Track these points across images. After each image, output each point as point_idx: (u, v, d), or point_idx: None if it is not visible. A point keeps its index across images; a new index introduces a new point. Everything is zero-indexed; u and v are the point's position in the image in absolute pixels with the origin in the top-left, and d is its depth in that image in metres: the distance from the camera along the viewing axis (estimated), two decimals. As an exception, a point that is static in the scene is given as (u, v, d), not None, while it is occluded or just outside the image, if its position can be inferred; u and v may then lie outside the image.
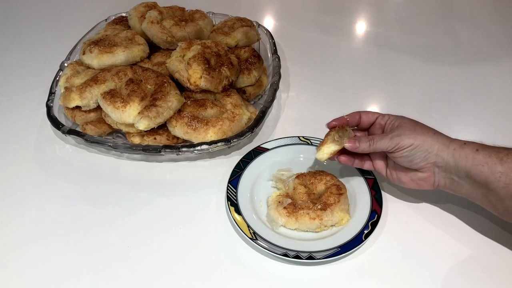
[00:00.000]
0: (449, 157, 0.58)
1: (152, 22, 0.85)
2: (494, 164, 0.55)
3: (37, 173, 0.73)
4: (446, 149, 0.59)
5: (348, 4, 1.22)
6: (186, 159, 0.75)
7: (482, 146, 0.58)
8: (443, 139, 0.60)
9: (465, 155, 0.57)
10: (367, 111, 0.67)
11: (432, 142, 0.59)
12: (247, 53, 0.86)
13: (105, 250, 0.62)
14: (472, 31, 1.10)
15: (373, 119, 0.65)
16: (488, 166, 0.56)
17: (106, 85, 0.74)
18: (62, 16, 1.14)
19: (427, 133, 0.60)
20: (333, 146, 0.64)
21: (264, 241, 0.60)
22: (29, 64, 0.97)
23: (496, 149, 0.57)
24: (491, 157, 0.56)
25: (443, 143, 0.59)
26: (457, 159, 0.58)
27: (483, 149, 0.57)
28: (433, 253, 0.62)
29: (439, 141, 0.59)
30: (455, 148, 0.58)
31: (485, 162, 0.56)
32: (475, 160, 0.57)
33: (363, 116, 0.66)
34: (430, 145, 0.59)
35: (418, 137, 0.59)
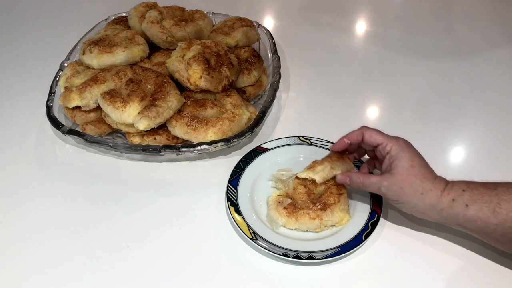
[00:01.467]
0: (437, 216, 0.58)
1: (152, 22, 0.85)
2: (488, 218, 0.54)
3: (37, 173, 0.73)
4: (432, 209, 0.57)
5: (348, 4, 1.21)
6: (186, 159, 0.75)
7: (471, 197, 0.55)
8: (430, 200, 0.57)
9: (455, 214, 0.56)
10: (371, 132, 0.62)
11: (417, 203, 0.58)
12: (247, 53, 0.86)
13: (105, 250, 0.62)
14: (472, 31, 1.10)
15: (375, 144, 0.62)
16: (481, 221, 0.54)
17: (106, 85, 0.74)
18: (62, 16, 1.14)
19: (414, 194, 0.57)
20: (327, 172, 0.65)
21: (264, 241, 0.60)
22: (29, 64, 0.97)
23: (486, 197, 0.55)
24: (483, 210, 0.54)
25: (430, 205, 0.57)
26: (446, 217, 0.57)
27: (472, 203, 0.55)
28: (433, 253, 0.62)
29: (424, 202, 0.57)
30: (442, 208, 0.57)
31: (477, 217, 0.55)
32: (466, 217, 0.55)
33: (366, 138, 0.63)
34: (415, 206, 0.58)
35: (404, 197, 0.58)
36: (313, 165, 0.65)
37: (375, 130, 0.63)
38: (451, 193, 0.57)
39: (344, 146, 0.64)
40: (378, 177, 0.60)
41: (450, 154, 0.77)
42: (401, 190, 0.58)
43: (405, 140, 0.61)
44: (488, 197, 0.55)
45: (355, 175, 0.62)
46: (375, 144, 0.62)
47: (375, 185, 0.60)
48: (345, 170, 0.67)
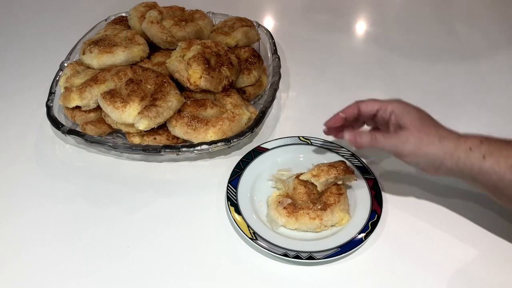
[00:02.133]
0: (453, 165, 0.56)
1: (152, 22, 0.85)
2: (503, 173, 0.52)
3: (37, 173, 0.73)
4: (450, 157, 0.55)
5: (348, 4, 1.21)
6: (186, 159, 0.75)
7: (489, 149, 0.54)
8: (449, 145, 0.56)
9: (471, 164, 0.54)
10: (367, 102, 0.62)
11: (437, 153, 0.56)
12: (247, 53, 0.86)
13: (105, 250, 0.62)
14: (472, 31, 1.10)
15: (374, 111, 0.61)
16: (496, 175, 0.53)
17: (106, 85, 0.74)
18: (62, 16, 1.14)
19: (433, 143, 0.56)
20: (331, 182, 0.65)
21: (264, 241, 0.60)
22: (29, 64, 0.97)
23: (505, 152, 0.53)
24: (499, 164, 0.52)
25: (448, 152, 0.55)
26: (461, 167, 0.55)
27: (490, 156, 0.53)
28: (433, 253, 0.62)
29: (444, 150, 0.56)
30: (459, 156, 0.55)
31: (493, 171, 0.53)
32: (482, 169, 0.54)
33: (363, 108, 0.62)
34: (435, 157, 0.56)
35: (423, 148, 0.56)
36: (318, 173, 0.65)
37: (370, 99, 0.62)
38: (468, 142, 0.55)
39: (339, 121, 0.64)
40: (392, 134, 0.58)
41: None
42: (419, 141, 0.56)
43: (401, 99, 0.61)
44: (507, 151, 0.53)
45: (365, 133, 0.59)
46: (374, 111, 0.61)
47: (389, 141, 0.58)
48: (349, 181, 0.67)
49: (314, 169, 0.66)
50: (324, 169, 0.65)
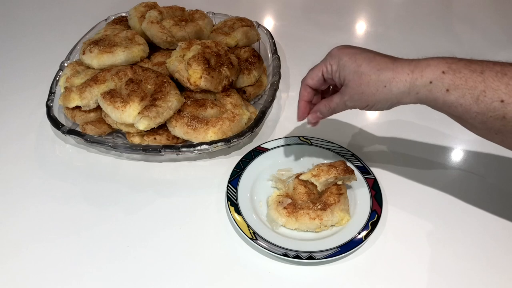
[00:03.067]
0: (414, 100, 0.53)
1: (152, 22, 0.85)
2: (469, 105, 0.49)
3: (37, 173, 0.73)
4: (407, 96, 0.52)
5: (348, 4, 1.22)
6: (186, 159, 0.75)
7: (453, 81, 0.50)
8: (399, 87, 0.52)
9: (433, 98, 0.51)
10: (311, 75, 0.60)
11: (387, 97, 0.53)
12: (247, 53, 0.86)
13: (105, 250, 0.62)
14: (472, 31, 1.10)
15: (321, 77, 0.59)
16: (462, 107, 0.50)
17: (106, 85, 0.74)
18: (62, 16, 1.14)
19: (377, 91, 0.53)
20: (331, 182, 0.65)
21: (264, 241, 0.60)
22: (29, 64, 0.97)
23: (470, 83, 0.49)
24: (465, 97, 0.49)
25: (402, 93, 0.52)
26: (424, 101, 0.52)
27: (454, 89, 0.49)
28: (433, 253, 0.62)
29: (394, 93, 0.52)
30: (418, 92, 0.51)
31: (458, 103, 0.50)
32: (446, 102, 0.51)
33: (310, 83, 0.60)
34: (386, 100, 0.53)
35: (370, 98, 0.54)
36: (318, 173, 0.65)
37: (310, 70, 0.61)
38: (427, 74, 0.51)
39: (307, 108, 0.62)
40: (338, 95, 0.57)
41: (451, 154, 0.77)
42: (362, 94, 0.54)
43: (339, 46, 0.58)
44: (473, 82, 0.49)
45: (322, 105, 0.60)
46: (320, 78, 0.59)
47: (340, 104, 0.57)
48: (349, 181, 0.67)
49: (314, 169, 0.66)
50: (324, 169, 0.65)
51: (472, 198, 0.69)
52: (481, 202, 0.68)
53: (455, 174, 0.73)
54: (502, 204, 0.68)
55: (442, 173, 0.73)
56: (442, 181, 0.71)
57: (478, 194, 0.69)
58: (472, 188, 0.71)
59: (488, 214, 0.66)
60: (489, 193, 0.70)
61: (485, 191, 0.70)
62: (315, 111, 0.61)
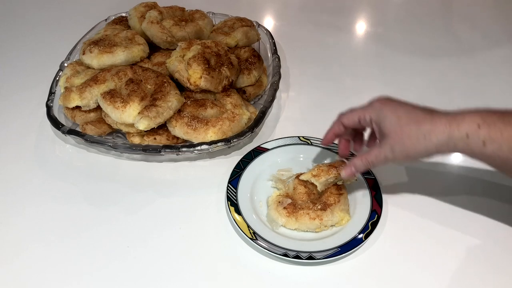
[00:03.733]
0: (453, 149, 0.53)
1: (152, 22, 0.85)
2: (507, 157, 0.51)
3: (37, 173, 0.73)
4: (446, 147, 0.53)
5: (348, 4, 1.22)
6: (186, 159, 0.75)
7: (489, 134, 0.51)
8: (438, 138, 0.53)
9: (471, 150, 0.52)
10: (347, 114, 0.62)
11: (427, 148, 0.54)
12: (247, 53, 0.86)
13: (105, 250, 0.62)
14: (472, 31, 1.10)
15: (356, 120, 0.60)
16: (500, 159, 0.51)
17: (106, 85, 0.74)
18: (62, 16, 1.14)
19: (418, 142, 0.54)
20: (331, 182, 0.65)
21: (264, 241, 0.60)
22: (29, 64, 0.97)
23: (506, 134, 0.50)
24: (502, 149, 0.50)
25: (441, 144, 0.53)
26: (463, 152, 0.53)
27: (491, 142, 0.51)
28: (433, 253, 0.62)
29: (433, 143, 0.53)
30: (456, 144, 0.53)
31: (496, 156, 0.51)
32: (484, 155, 0.52)
33: (345, 122, 0.62)
34: (426, 151, 0.54)
35: (410, 150, 0.55)
36: (318, 173, 0.65)
37: (349, 110, 0.62)
38: (463, 127, 0.52)
39: (333, 139, 0.65)
40: (377, 148, 0.58)
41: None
42: (403, 146, 0.55)
43: (380, 99, 0.59)
44: (508, 134, 0.50)
45: (357, 160, 0.60)
46: (356, 122, 0.60)
47: (380, 157, 0.57)
48: (349, 181, 0.67)
49: (314, 169, 0.66)
50: (324, 169, 0.65)
51: (473, 198, 0.69)
52: (482, 202, 0.68)
53: (455, 174, 0.73)
54: (503, 204, 0.67)
55: (442, 173, 0.73)
56: (442, 181, 0.71)
57: (479, 194, 0.69)
58: (472, 188, 0.71)
59: (488, 214, 0.66)
60: (490, 193, 0.70)
61: (486, 191, 0.70)
62: (350, 166, 0.61)
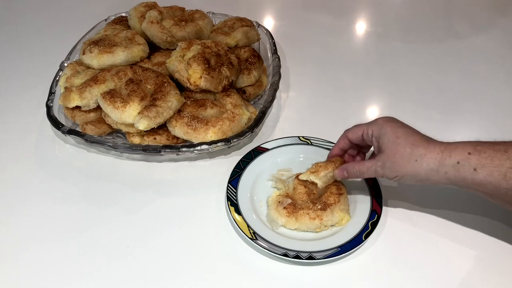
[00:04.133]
0: (442, 179, 0.55)
1: (152, 22, 0.85)
2: (498, 183, 0.52)
3: (37, 173, 0.73)
4: (436, 174, 0.55)
5: (348, 4, 1.21)
6: (186, 159, 0.75)
7: (479, 161, 0.53)
8: (429, 163, 0.55)
9: (462, 178, 0.54)
10: (353, 129, 0.64)
11: (417, 171, 0.56)
12: (247, 53, 0.86)
13: (105, 250, 0.62)
14: (472, 31, 1.10)
15: (360, 136, 0.62)
16: (491, 185, 0.52)
17: (106, 85, 0.74)
18: (62, 16, 1.14)
19: (409, 164, 0.56)
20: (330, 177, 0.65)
21: (264, 241, 0.60)
22: (29, 64, 0.97)
23: (496, 161, 0.52)
24: (493, 175, 0.52)
25: (431, 169, 0.55)
26: (453, 180, 0.55)
27: (481, 168, 0.52)
28: (433, 253, 0.62)
29: (424, 168, 0.55)
30: (447, 171, 0.54)
31: (487, 182, 0.52)
32: (475, 181, 0.53)
33: (350, 136, 0.64)
34: (416, 174, 0.56)
35: (400, 169, 0.56)
36: (316, 169, 0.65)
37: (355, 125, 0.64)
38: (455, 155, 0.54)
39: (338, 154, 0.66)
40: (372, 160, 0.59)
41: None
42: (394, 163, 0.57)
43: (385, 117, 0.61)
44: (499, 161, 0.52)
45: (351, 166, 0.62)
46: (360, 136, 0.62)
47: (371, 169, 0.59)
48: None
49: (312, 166, 0.66)
50: (322, 165, 0.65)
51: (472, 198, 0.68)
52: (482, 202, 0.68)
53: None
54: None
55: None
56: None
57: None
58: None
59: (488, 214, 0.66)
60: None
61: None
62: (342, 169, 0.63)
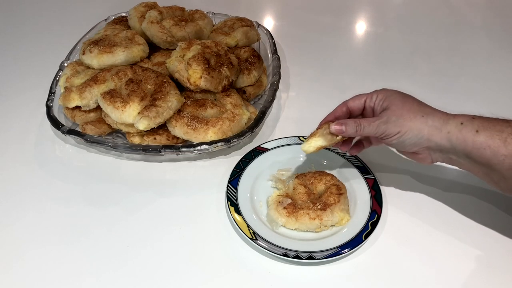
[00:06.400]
0: (444, 140, 0.55)
1: (152, 22, 0.85)
2: (497, 147, 0.52)
3: (37, 173, 0.73)
4: (438, 133, 0.55)
5: (348, 4, 1.22)
6: (186, 159, 0.75)
7: (482, 124, 0.54)
8: (434, 121, 0.56)
9: (463, 139, 0.54)
10: (354, 98, 0.63)
11: (421, 127, 0.56)
12: (247, 53, 0.86)
13: (105, 250, 0.62)
14: (472, 31, 1.10)
15: (362, 103, 0.62)
16: (490, 149, 0.52)
17: (106, 85, 0.74)
18: (62, 16, 1.14)
19: (415, 118, 0.56)
20: (321, 140, 0.62)
21: (264, 241, 0.60)
22: (29, 64, 0.97)
23: (498, 127, 0.53)
24: (493, 138, 0.52)
25: (435, 127, 0.55)
26: (454, 142, 0.55)
27: (483, 130, 0.53)
28: (433, 253, 0.62)
29: (428, 124, 0.55)
30: (449, 131, 0.55)
31: (487, 145, 0.52)
32: (476, 143, 0.53)
33: (350, 104, 0.63)
34: (419, 131, 0.56)
35: (405, 123, 0.56)
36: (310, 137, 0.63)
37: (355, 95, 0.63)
38: (459, 117, 0.55)
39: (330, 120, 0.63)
40: (375, 117, 0.58)
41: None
42: (400, 118, 0.56)
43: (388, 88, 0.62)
44: (500, 126, 0.53)
45: (351, 120, 0.59)
46: (362, 104, 0.61)
47: (372, 124, 0.57)
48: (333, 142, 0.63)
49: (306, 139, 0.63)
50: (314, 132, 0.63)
51: (473, 198, 0.69)
52: (482, 201, 0.68)
53: (455, 174, 0.73)
54: (503, 204, 0.67)
55: (442, 173, 0.73)
56: (442, 181, 0.71)
57: (479, 194, 0.69)
58: (472, 188, 0.71)
59: (488, 214, 0.66)
60: (490, 193, 0.69)
61: (486, 191, 0.70)
62: (340, 123, 0.59)
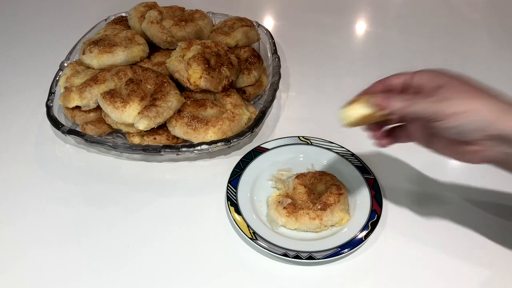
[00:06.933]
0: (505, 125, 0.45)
1: (152, 22, 0.85)
2: None
3: (37, 173, 0.73)
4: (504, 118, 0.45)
5: (348, 4, 1.22)
6: (186, 159, 0.75)
7: None
8: (504, 103, 0.46)
9: None
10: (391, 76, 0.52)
11: (487, 109, 0.45)
12: (247, 53, 0.86)
13: (105, 250, 0.62)
14: (472, 31, 1.10)
15: (409, 76, 0.51)
16: None
17: (106, 85, 0.74)
18: (62, 16, 1.14)
19: (481, 97, 0.45)
20: (366, 109, 0.51)
21: (264, 241, 0.60)
22: (29, 64, 0.97)
23: None
24: None
25: (503, 110, 0.45)
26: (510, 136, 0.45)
27: None
28: (433, 253, 0.62)
29: (496, 107, 0.45)
30: None
31: None
32: None
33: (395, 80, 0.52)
34: (489, 112, 0.45)
35: (474, 101, 0.45)
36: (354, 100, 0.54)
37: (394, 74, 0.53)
38: None
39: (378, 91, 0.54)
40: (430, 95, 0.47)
41: None
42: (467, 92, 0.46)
43: None
44: None
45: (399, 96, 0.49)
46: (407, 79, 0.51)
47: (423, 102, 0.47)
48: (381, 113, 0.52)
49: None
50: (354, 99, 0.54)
51: (473, 198, 0.69)
52: (482, 201, 0.68)
53: (455, 174, 0.73)
54: (503, 204, 0.68)
55: (442, 173, 0.73)
56: (442, 181, 0.71)
57: (479, 194, 0.69)
58: (473, 188, 0.71)
59: (488, 214, 0.66)
60: (490, 193, 0.70)
61: (486, 191, 0.70)
62: (386, 98, 0.49)
